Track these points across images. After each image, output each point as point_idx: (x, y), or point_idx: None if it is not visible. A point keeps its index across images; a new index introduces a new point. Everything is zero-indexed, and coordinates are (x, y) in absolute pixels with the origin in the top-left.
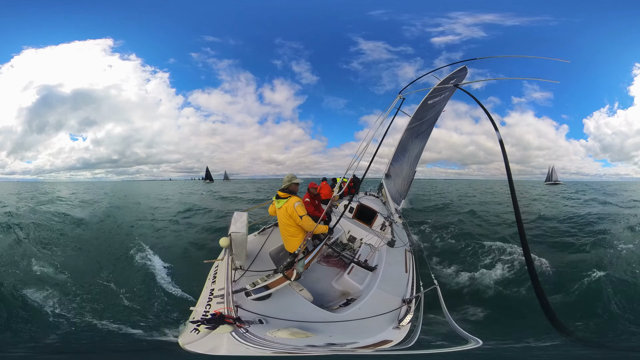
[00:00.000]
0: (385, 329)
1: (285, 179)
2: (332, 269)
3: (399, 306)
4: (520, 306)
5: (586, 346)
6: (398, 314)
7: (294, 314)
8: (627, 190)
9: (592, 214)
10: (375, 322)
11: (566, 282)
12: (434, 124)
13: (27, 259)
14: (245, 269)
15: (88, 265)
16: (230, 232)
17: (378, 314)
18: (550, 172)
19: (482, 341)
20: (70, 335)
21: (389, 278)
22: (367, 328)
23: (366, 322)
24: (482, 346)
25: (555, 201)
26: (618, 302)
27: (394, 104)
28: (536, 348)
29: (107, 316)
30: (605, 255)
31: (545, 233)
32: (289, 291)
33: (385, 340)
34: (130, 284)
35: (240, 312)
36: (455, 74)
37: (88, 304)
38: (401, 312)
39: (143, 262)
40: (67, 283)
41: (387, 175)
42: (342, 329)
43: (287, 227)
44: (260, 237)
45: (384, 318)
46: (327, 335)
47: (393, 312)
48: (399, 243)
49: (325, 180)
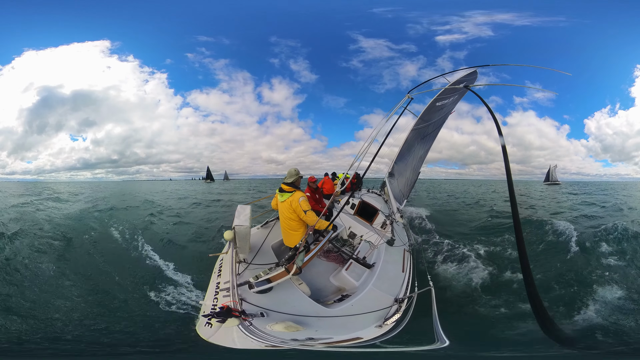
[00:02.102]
0: (368, 326)
1: (290, 172)
2: (331, 264)
3: (390, 305)
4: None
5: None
6: (387, 313)
7: (292, 308)
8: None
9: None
10: (363, 319)
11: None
12: (441, 127)
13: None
14: (249, 262)
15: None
16: (233, 225)
17: (368, 311)
18: (549, 172)
19: (448, 342)
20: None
21: (385, 277)
22: (352, 325)
23: (355, 318)
24: (446, 347)
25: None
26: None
27: (401, 103)
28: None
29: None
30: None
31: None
32: (289, 285)
33: (357, 337)
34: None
35: (244, 305)
36: (465, 77)
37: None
38: (391, 311)
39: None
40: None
41: (390, 174)
42: (331, 324)
43: (289, 221)
44: (263, 230)
45: (373, 316)
46: (314, 329)
47: (382, 310)
48: (399, 242)
49: (327, 175)
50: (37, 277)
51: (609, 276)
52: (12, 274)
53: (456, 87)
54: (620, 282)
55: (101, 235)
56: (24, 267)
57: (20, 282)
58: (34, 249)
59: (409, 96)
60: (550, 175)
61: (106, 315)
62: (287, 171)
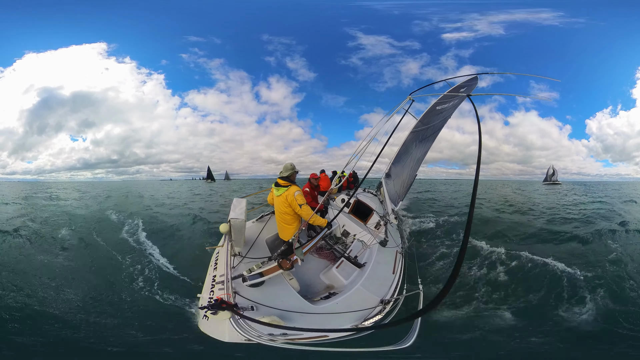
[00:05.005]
0: (344, 325)
1: (286, 167)
2: (323, 261)
3: (374, 306)
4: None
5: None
6: (369, 313)
7: (280, 302)
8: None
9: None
10: (344, 317)
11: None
12: (439, 131)
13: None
14: (243, 256)
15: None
16: (229, 218)
17: (351, 310)
18: (549, 172)
19: (409, 343)
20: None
21: (375, 277)
22: (331, 322)
23: (337, 316)
24: (404, 348)
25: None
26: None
27: (402, 105)
28: None
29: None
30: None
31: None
32: (280, 279)
33: (324, 335)
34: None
35: (237, 298)
36: (465, 83)
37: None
38: (374, 311)
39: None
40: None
41: (387, 175)
42: (311, 321)
43: (283, 215)
44: (258, 224)
45: (355, 315)
46: (294, 325)
47: (366, 310)
48: (392, 243)
49: (324, 172)
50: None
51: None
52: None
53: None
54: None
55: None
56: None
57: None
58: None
59: (411, 98)
60: (551, 175)
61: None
62: (283, 166)
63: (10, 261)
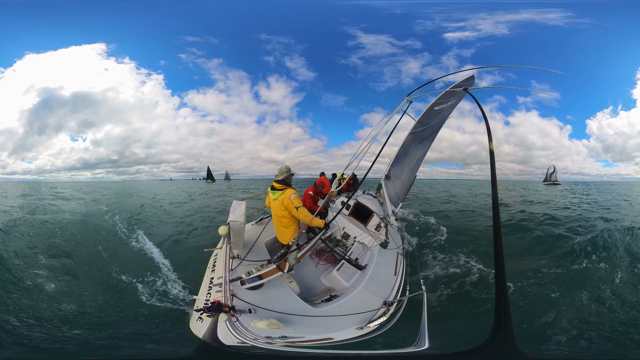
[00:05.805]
0: (349, 327)
1: (281, 170)
2: (323, 263)
3: (378, 307)
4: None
5: None
6: (373, 315)
7: (279, 306)
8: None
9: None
10: (347, 320)
11: None
12: (438, 131)
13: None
14: (242, 258)
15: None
16: (228, 220)
17: (354, 312)
18: (549, 172)
19: (428, 344)
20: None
21: (376, 279)
22: (334, 325)
23: (339, 319)
24: (425, 351)
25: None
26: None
27: (400, 106)
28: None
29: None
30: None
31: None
32: (279, 282)
33: (329, 338)
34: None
35: (235, 301)
36: (462, 82)
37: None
38: (377, 313)
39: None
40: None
41: (387, 177)
42: (312, 324)
43: (281, 218)
44: (257, 226)
45: (359, 317)
46: (293, 328)
47: (369, 312)
48: (392, 245)
49: (323, 174)
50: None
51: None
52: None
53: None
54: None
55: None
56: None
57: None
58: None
59: (408, 99)
60: (551, 175)
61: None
62: (278, 169)
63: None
